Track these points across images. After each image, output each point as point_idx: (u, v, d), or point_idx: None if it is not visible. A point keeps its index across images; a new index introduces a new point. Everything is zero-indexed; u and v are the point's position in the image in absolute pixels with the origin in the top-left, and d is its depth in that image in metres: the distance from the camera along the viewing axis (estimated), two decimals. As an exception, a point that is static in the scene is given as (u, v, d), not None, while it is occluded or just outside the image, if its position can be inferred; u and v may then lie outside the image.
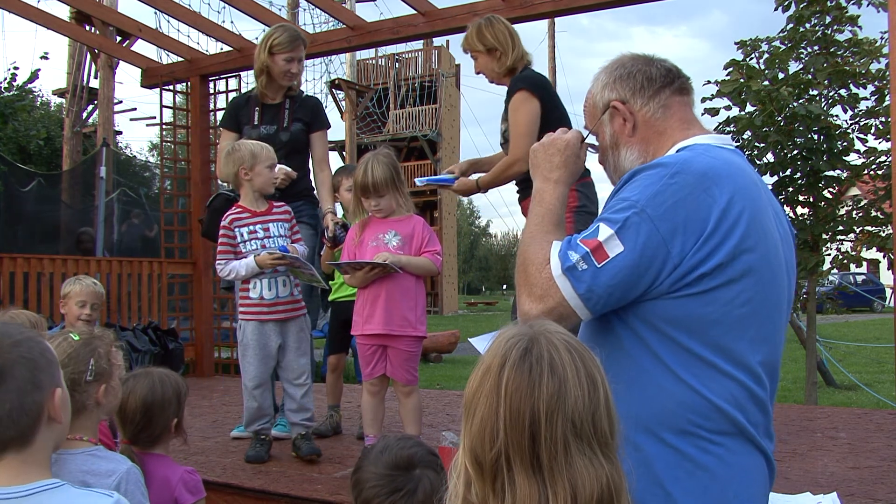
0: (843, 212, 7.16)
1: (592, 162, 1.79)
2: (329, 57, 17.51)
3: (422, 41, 23.49)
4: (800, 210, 7.23)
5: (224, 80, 6.63)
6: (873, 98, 6.78)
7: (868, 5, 6.63)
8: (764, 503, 1.51)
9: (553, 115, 3.32)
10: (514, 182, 3.48)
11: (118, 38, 8.83)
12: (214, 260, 6.46)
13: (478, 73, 3.59)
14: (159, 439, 2.24)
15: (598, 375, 1.09)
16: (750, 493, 1.45)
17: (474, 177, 3.61)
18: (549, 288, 1.44)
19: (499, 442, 1.04)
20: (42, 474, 1.40)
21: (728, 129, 7.13)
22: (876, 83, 6.65)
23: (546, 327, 1.12)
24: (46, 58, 14.65)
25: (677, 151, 1.56)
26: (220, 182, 4.08)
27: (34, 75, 13.49)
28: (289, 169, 3.83)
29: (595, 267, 1.40)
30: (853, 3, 6.75)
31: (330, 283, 4.17)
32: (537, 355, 1.07)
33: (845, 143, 6.80)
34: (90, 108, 13.57)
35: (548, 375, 1.05)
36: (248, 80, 7.79)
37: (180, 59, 6.58)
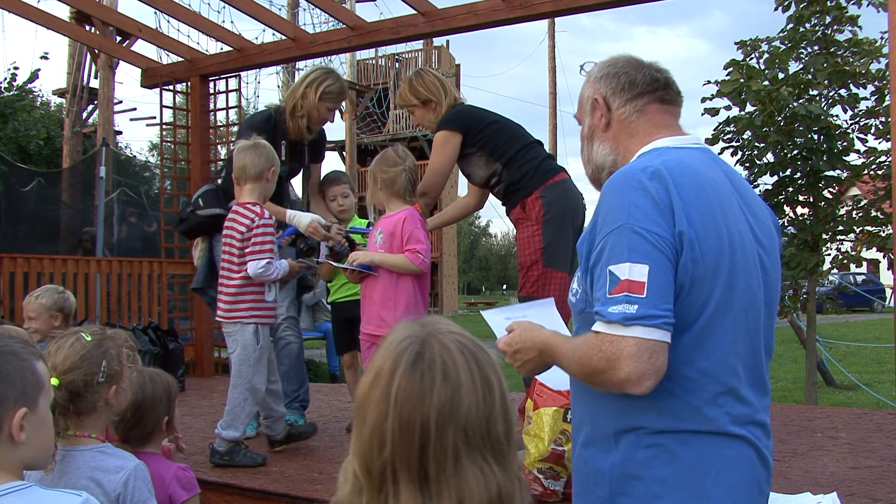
0: (843, 212, 7.17)
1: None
2: (329, 57, 17.47)
3: (422, 41, 23.43)
4: (800, 210, 7.25)
5: (224, 80, 6.62)
6: (873, 98, 6.79)
7: (868, 5, 6.64)
8: (754, 494, 1.50)
9: (488, 130, 3.46)
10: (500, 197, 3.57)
11: (118, 38, 8.80)
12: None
13: (417, 125, 3.82)
14: (151, 437, 2.25)
15: (494, 377, 1.02)
16: (730, 485, 1.45)
17: None
18: (622, 351, 1.37)
19: (386, 452, 0.98)
20: (6, 478, 1.37)
21: (728, 129, 7.15)
22: (876, 83, 6.66)
23: (438, 327, 1.05)
24: (46, 58, 14.63)
25: (637, 157, 1.60)
26: (218, 182, 4.03)
27: (34, 75, 13.49)
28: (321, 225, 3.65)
29: (642, 297, 1.37)
30: (853, 3, 6.76)
31: (329, 284, 4.26)
32: (429, 360, 1.00)
33: (845, 143, 6.81)
34: (90, 108, 13.53)
35: (440, 382, 0.98)
36: (248, 80, 7.82)
37: (180, 59, 6.57)
